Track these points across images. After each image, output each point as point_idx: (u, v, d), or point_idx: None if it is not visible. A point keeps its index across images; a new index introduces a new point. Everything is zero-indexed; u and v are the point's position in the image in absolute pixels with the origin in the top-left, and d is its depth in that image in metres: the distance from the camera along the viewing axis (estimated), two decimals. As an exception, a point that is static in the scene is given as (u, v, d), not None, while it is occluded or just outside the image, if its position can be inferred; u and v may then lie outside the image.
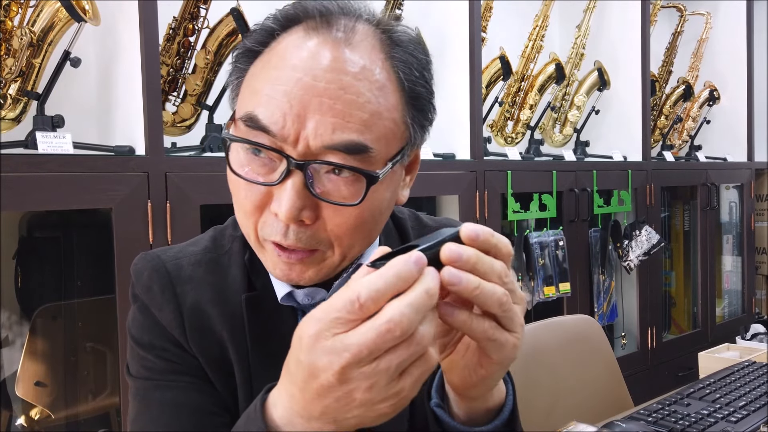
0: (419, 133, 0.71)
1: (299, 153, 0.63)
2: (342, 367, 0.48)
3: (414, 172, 0.77)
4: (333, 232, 0.66)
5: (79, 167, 1.46)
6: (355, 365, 0.48)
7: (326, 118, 0.62)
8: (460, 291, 0.51)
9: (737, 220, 3.77)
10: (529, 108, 2.64)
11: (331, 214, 0.65)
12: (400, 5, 2.18)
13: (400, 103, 0.68)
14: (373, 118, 0.64)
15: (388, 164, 0.66)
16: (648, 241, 2.87)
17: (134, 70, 1.58)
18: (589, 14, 2.84)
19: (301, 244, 0.66)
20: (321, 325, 0.49)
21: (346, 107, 0.63)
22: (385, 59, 0.67)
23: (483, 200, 2.29)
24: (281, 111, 0.63)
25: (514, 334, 0.56)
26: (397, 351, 0.48)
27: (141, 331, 0.77)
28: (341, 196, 0.64)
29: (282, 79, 0.64)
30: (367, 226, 0.67)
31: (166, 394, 0.73)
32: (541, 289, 2.51)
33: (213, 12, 1.80)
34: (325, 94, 0.62)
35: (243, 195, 0.67)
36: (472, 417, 0.66)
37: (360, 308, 0.48)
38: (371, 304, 0.48)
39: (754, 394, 1.39)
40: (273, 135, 0.63)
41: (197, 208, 1.59)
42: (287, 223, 0.65)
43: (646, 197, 3.00)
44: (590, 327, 1.75)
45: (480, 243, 0.53)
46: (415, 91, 0.69)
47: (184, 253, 0.79)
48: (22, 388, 1.61)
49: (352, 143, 0.63)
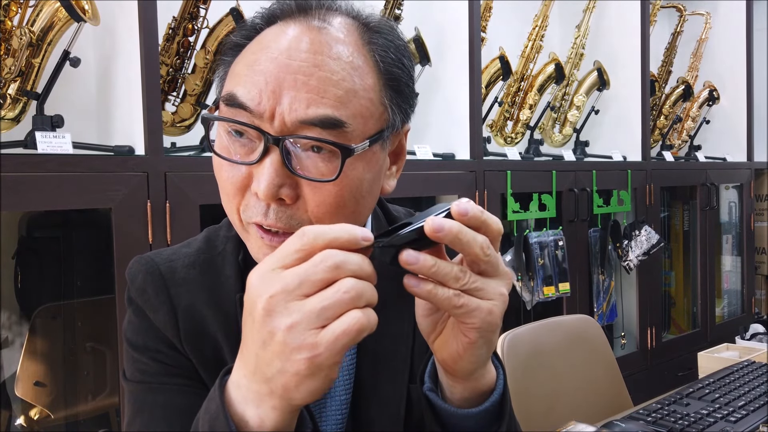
0: (399, 115, 0.72)
1: (275, 129, 0.65)
2: (270, 295, 0.52)
3: (400, 162, 0.78)
4: (313, 212, 0.67)
5: (78, 167, 1.46)
6: (282, 296, 0.52)
7: (301, 94, 0.64)
8: (418, 269, 0.56)
9: (737, 220, 3.77)
10: (528, 108, 2.64)
11: (310, 192, 0.66)
12: (399, 5, 2.18)
13: (377, 85, 0.69)
14: (348, 95, 0.66)
15: (365, 141, 0.67)
16: (647, 241, 2.87)
17: (134, 69, 1.58)
18: (589, 14, 2.84)
19: (281, 223, 0.66)
20: (269, 263, 0.54)
21: (321, 83, 0.65)
22: (362, 44, 0.69)
23: (483, 200, 2.29)
24: (257, 88, 0.65)
25: (489, 301, 0.59)
26: (323, 293, 0.52)
27: (136, 334, 0.77)
28: (319, 172, 0.65)
29: (260, 61, 0.66)
30: (347, 207, 0.68)
31: (159, 398, 0.73)
32: (540, 289, 2.51)
33: (212, 12, 1.80)
34: (299, 71, 0.64)
35: (225, 177, 0.68)
36: (464, 402, 0.67)
37: (303, 236, 0.53)
38: (312, 236, 0.53)
39: (753, 393, 1.39)
40: (250, 111, 0.65)
41: (197, 208, 1.59)
42: (266, 201, 0.66)
43: (646, 197, 3.00)
44: (590, 327, 1.75)
45: (469, 219, 0.57)
46: (392, 72, 0.70)
47: (177, 255, 0.80)
48: (21, 388, 1.61)
49: (327, 118, 0.64)
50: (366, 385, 0.77)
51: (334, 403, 0.77)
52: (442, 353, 0.63)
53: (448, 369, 0.65)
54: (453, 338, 0.61)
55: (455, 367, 0.63)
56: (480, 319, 0.58)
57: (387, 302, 0.78)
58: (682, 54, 3.48)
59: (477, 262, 0.58)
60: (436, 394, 0.68)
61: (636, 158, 2.99)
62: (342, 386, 0.77)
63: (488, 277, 0.59)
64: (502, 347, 1.55)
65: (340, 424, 0.77)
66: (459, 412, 0.66)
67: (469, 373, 0.64)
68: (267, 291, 0.52)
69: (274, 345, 0.52)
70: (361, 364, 0.77)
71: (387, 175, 0.75)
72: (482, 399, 0.67)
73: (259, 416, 0.55)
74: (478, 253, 0.57)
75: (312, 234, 0.54)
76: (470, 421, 0.67)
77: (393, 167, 0.76)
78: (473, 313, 0.58)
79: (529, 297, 2.50)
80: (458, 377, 0.65)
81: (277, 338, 0.52)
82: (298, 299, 0.52)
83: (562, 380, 1.62)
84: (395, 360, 0.77)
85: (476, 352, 0.61)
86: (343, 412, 0.77)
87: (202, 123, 0.71)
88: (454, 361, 0.62)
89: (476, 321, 0.58)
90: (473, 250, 0.57)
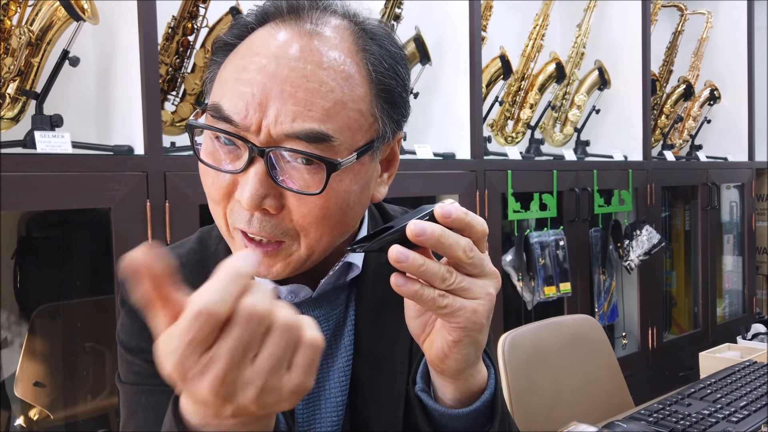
0: (390, 126, 0.70)
1: (261, 141, 0.63)
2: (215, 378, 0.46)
3: (393, 168, 0.76)
4: (298, 222, 0.66)
5: (77, 167, 1.46)
6: (230, 371, 0.46)
7: (287, 107, 0.63)
8: (407, 267, 0.56)
9: (738, 220, 3.76)
10: (529, 107, 2.64)
11: (295, 203, 0.65)
12: (400, 4, 2.18)
13: (368, 95, 0.67)
14: (336, 107, 0.64)
15: (353, 154, 0.66)
16: (649, 240, 2.86)
17: (133, 69, 1.57)
18: (590, 13, 2.83)
19: (265, 233, 0.66)
20: (179, 356, 0.46)
21: (308, 95, 0.63)
22: (355, 51, 0.67)
23: (483, 200, 2.28)
24: (244, 101, 0.63)
25: (474, 300, 0.59)
26: (267, 343, 0.47)
27: (129, 335, 0.77)
28: (304, 185, 0.64)
29: (248, 68, 0.64)
30: (333, 218, 0.67)
31: (152, 399, 0.73)
32: (541, 289, 2.50)
33: (212, 11, 1.80)
34: (287, 82, 0.63)
35: (210, 183, 0.68)
36: (456, 402, 0.67)
37: (205, 318, 0.45)
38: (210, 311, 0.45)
39: (755, 394, 1.39)
40: (236, 125, 0.64)
41: (196, 208, 1.59)
42: (250, 211, 0.65)
43: (647, 197, 2.99)
44: (591, 327, 1.75)
45: (452, 221, 0.57)
46: (385, 83, 0.68)
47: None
48: (20, 389, 1.61)
49: (313, 132, 0.63)
50: (363, 386, 0.77)
51: (329, 404, 0.77)
52: (430, 352, 0.63)
53: (436, 368, 0.64)
54: (439, 338, 0.62)
55: (443, 366, 0.63)
56: (465, 318, 0.59)
57: (384, 303, 0.77)
58: (683, 53, 3.48)
59: (460, 265, 0.58)
60: (428, 395, 0.68)
61: (637, 158, 2.98)
62: (338, 387, 0.77)
63: (475, 278, 0.59)
64: (503, 347, 1.54)
65: (336, 425, 0.77)
66: (449, 412, 0.66)
67: (458, 372, 0.64)
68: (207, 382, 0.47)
69: (254, 408, 0.48)
70: (358, 365, 0.77)
71: (378, 182, 0.74)
72: (473, 399, 0.67)
73: None
74: (461, 257, 0.57)
75: (210, 312, 0.45)
76: (461, 421, 0.66)
77: (384, 174, 0.75)
78: (458, 312, 0.58)
79: (530, 297, 2.50)
80: (447, 376, 0.65)
81: (251, 405, 0.48)
82: (251, 364, 0.47)
83: (563, 380, 1.62)
84: (393, 360, 0.77)
85: (462, 351, 0.61)
86: (339, 413, 0.77)
87: (186, 130, 0.70)
88: (441, 360, 0.62)
89: (461, 320, 0.59)
90: (456, 254, 0.57)
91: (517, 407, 1.50)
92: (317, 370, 0.51)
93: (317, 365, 0.50)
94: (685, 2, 3.43)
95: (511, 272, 2.44)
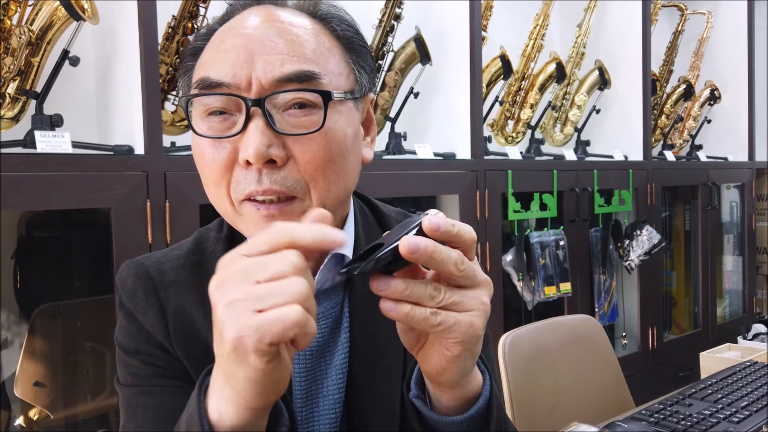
0: (364, 76, 0.74)
1: (254, 93, 0.66)
2: (225, 273, 0.52)
3: (372, 132, 0.79)
4: (306, 171, 0.67)
5: (78, 167, 1.45)
6: (235, 275, 0.51)
7: (272, 56, 0.67)
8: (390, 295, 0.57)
9: (738, 220, 3.76)
10: (529, 107, 2.64)
11: (299, 150, 0.67)
12: (400, 4, 2.18)
13: (337, 47, 0.72)
14: (316, 53, 0.69)
15: (342, 93, 0.69)
16: (649, 240, 2.86)
17: (133, 69, 1.57)
18: (590, 13, 2.83)
19: (276, 186, 0.67)
20: (239, 249, 0.53)
21: (288, 46, 0.68)
22: (315, 21, 0.73)
23: (483, 200, 2.28)
24: (229, 63, 0.67)
25: (467, 313, 0.58)
26: (273, 283, 0.50)
27: (127, 337, 0.77)
28: (303, 127, 0.67)
29: (226, 42, 0.69)
30: (336, 163, 0.69)
31: (151, 400, 0.73)
32: (541, 289, 2.50)
33: (212, 11, 1.79)
34: (266, 39, 0.67)
35: (209, 159, 0.69)
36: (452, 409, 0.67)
37: (271, 231, 0.53)
38: (278, 232, 0.53)
39: (756, 394, 1.38)
40: (227, 86, 0.67)
41: (196, 208, 1.59)
42: (257, 164, 0.66)
43: (647, 197, 2.99)
44: (591, 327, 1.74)
45: (441, 234, 0.57)
46: (348, 37, 0.74)
47: (167, 258, 0.80)
48: (20, 389, 1.61)
49: (302, 72, 0.67)
50: (360, 384, 0.77)
51: (327, 402, 0.77)
52: (426, 366, 0.63)
53: (433, 380, 0.64)
54: (436, 353, 0.61)
55: (440, 379, 0.63)
56: (461, 332, 0.58)
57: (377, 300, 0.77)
58: (684, 53, 3.48)
59: (452, 279, 0.58)
60: (423, 401, 0.68)
61: (637, 158, 2.98)
62: (335, 385, 0.77)
63: (466, 289, 0.59)
64: (503, 347, 1.54)
65: (334, 423, 0.77)
66: (444, 419, 0.66)
67: (455, 383, 0.64)
68: (224, 269, 0.52)
69: (216, 321, 0.51)
70: (354, 363, 0.77)
71: (363, 144, 0.77)
72: (469, 405, 0.66)
73: (219, 410, 0.55)
74: (452, 271, 0.57)
75: (279, 229, 0.53)
76: (456, 428, 0.66)
77: (367, 138, 0.78)
78: (452, 328, 0.58)
79: (530, 297, 2.50)
80: (444, 387, 0.65)
81: (217, 314, 0.51)
82: (249, 283, 0.51)
83: (564, 381, 1.62)
84: (389, 358, 0.77)
85: (461, 364, 0.61)
86: (337, 411, 0.77)
87: (180, 105, 0.73)
88: (439, 373, 0.62)
89: (457, 335, 0.58)
90: (448, 268, 0.57)
91: (517, 407, 1.50)
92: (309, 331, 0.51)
93: (277, 339, 0.50)
94: (685, 2, 3.43)
95: (512, 272, 2.44)
